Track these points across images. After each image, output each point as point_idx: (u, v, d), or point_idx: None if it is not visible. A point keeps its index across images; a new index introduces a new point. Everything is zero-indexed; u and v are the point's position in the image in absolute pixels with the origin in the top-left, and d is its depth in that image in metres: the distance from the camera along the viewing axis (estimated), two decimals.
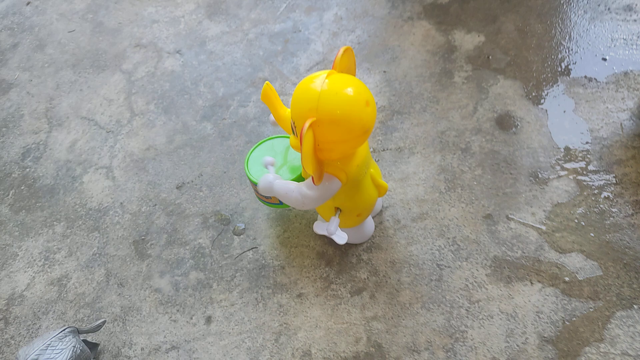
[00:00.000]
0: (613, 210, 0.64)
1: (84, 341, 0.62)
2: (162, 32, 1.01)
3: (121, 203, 0.78)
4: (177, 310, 0.66)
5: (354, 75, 0.50)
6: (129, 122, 0.89)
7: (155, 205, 0.77)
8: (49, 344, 0.56)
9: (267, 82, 0.55)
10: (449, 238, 0.65)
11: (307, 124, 0.45)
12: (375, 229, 0.67)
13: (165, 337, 0.64)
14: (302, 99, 0.48)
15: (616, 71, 0.78)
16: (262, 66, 0.90)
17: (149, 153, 0.83)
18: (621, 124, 0.72)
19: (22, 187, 0.86)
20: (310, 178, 0.51)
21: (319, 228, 0.56)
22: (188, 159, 0.81)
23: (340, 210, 0.58)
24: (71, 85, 0.99)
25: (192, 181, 0.78)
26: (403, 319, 0.60)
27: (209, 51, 0.95)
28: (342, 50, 0.47)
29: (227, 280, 0.67)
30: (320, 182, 0.52)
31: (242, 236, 0.71)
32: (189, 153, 0.81)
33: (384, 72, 0.84)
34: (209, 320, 0.64)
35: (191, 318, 0.65)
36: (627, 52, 0.79)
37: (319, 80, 0.47)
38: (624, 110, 0.73)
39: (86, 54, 1.03)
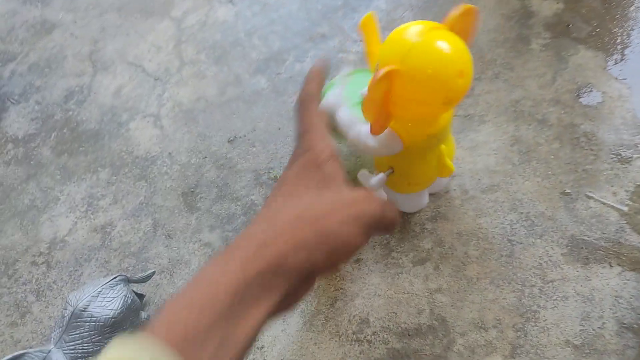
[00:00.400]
0: None
1: (133, 292, 0.60)
2: None
3: (169, 153, 0.75)
4: None
5: (467, 41, 0.45)
6: (179, 71, 0.85)
7: (205, 157, 0.73)
8: (100, 291, 0.54)
9: (370, 13, 0.49)
10: (522, 213, 0.61)
11: (383, 70, 0.40)
12: (441, 198, 0.63)
13: None
14: (394, 43, 0.43)
15: None
16: (321, 21, 0.85)
17: (199, 104, 0.79)
18: None
19: (65, 130, 0.84)
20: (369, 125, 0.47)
21: (363, 177, 0.52)
22: (240, 112, 0.77)
23: (392, 171, 0.53)
24: (117, 29, 0.95)
25: (245, 135, 0.74)
26: (470, 294, 0.56)
27: (263, 2, 0.90)
28: (461, 8, 0.42)
29: None
30: (378, 134, 0.47)
31: None
32: (242, 107, 0.77)
33: None
34: None
35: None
36: None
37: (419, 30, 0.42)
38: None
39: None
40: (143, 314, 0.57)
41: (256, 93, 0.78)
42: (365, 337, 0.56)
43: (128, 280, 0.57)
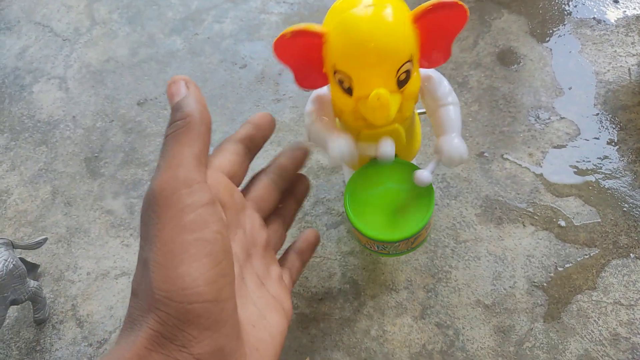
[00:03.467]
0: (615, 155, 0.60)
1: (22, 260, 0.55)
2: None
3: (74, 117, 0.69)
4: (131, 235, 0.59)
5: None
6: (89, 31, 0.79)
7: (112, 121, 0.68)
8: None
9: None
10: (437, 175, 0.59)
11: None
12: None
13: (115, 262, 0.57)
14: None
15: (628, 14, 0.72)
16: None
17: (108, 65, 0.74)
18: (629, 69, 0.67)
19: None
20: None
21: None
22: (153, 74, 0.72)
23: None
24: None
25: (156, 98, 0.69)
26: (370, 253, 0.54)
27: None
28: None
29: None
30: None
31: None
32: (154, 68, 0.72)
33: None
34: None
35: None
36: None
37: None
38: (634, 55, 0.68)
39: None
40: (33, 283, 0.52)
41: (170, 54, 0.73)
42: None
43: (12, 245, 0.52)
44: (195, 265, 0.23)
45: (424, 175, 0.40)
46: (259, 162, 0.45)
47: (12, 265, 0.49)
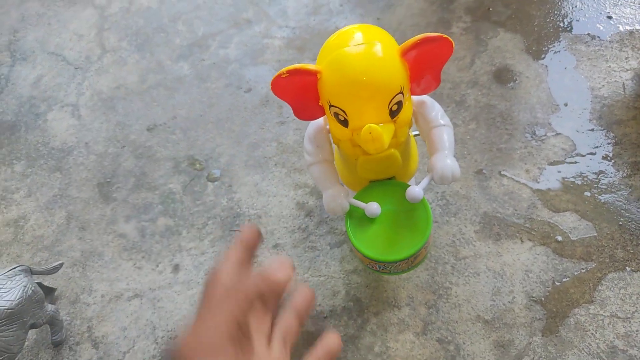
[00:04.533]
0: (610, 170, 0.61)
1: (39, 285, 0.57)
2: None
3: (86, 143, 0.72)
4: (143, 257, 0.61)
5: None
6: (99, 59, 0.82)
7: (124, 146, 0.71)
8: None
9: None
10: (437, 192, 0.61)
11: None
12: None
13: (128, 284, 0.59)
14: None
15: (621, 30, 0.73)
16: (247, 6, 0.83)
17: (118, 92, 0.77)
18: (623, 84, 0.68)
19: None
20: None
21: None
22: (161, 100, 0.75)
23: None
24: (38, 18, 0.91)
25: (165, 123, 0.72)
26: (373, 273, 0.56)
27: None
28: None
29: (198, 228, 0.62)
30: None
31: (216, 183, 0.66)
32: (163, 94, 0.75)
33: (378, 19, 0.79)
34: (176, 268, 0.60)
35: (157, 265, 0.60)
36: (633, 10, 0.75)
37: (348, 38, 0.38)
38: (627, 70, 0.69)
39: None
40: (50, 307, 0.55)
41: (178, 80, 0.76)
42: None
43: (30, 271, 0.54)
44: None
45: (415, 191, 0.43)
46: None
47: (31, 291, 0.51)
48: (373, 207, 0.43)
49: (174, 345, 0.25)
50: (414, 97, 0.44)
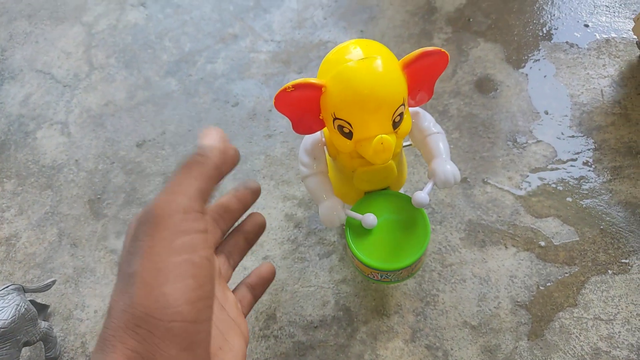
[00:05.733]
0: (591, 175, 0.63)
1: (32, 302, 0.58)
2: None
3: (76, 160, 0.73)
4: None
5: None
6: (88, 77, 0.83)
7: (113, 163, 0.72)
8: None
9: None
10: None
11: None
12: None
13: None
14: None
15: (598, 38, 0.76)
16: (233, 22, 0.85)
17: (107, 109, 0.78)
18: (602, 91, 0.70)
19: None
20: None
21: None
22: (150, 115, 0.76)
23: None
24: (26, 37, 0.92)
25: (154, 139, 0.73)
26: (372, 282, 0.57)
27: (175, 4, 0.89)
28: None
29: None
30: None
31: None
32: (151, 110, 0.76)
33: (361, 31, 0.80)
34: None
35: None
36: (609, 18, 0.77)
37: (353, 54, 0.39)
38: (605, 77, 0.71)
39: (44, 4, 0.96)
40: (43, 324, 0.55)
41: (166, 95, 0.77)
42: (271, 332, 0.56)
43: (23, 290, 0.55)
44: (179, 285, 0.24)
45: (421, 196, 0.44)
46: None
47: (23, 309, 0.52)
48: (370, 218, 0.44)
49: (147, 207, 0.26)
50: (409, 109, 0.46)
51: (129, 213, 0.66)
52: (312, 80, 0.39)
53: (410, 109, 0.46)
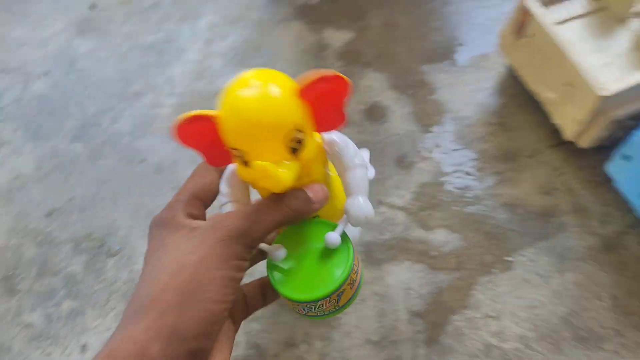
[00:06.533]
0: (474, 184, 0.68)
1: None
2: (30, 54, 0.96)
3: None
4: (51, 343, 0.62)
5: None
6: None
7: (25, 236, 0.72)
8: None
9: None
10: None
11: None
12: None
13: None
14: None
15: (475, 54, 0.82)
16: (135, 80, 0.88)
17: (16, 183, 0.78)
18: (481, 103, 0.76)
19: None
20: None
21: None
22: (58, 183, 0.77)
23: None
24: None
25: (63, 206, 0.74)
26: (280, 316, 0.60)
27: (79, 70, 0.92)
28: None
29: (102, 305, 0.64)
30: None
31: (117, 257, 0.68)
32: (59, 177, 0.78)
33: None
34: (84, 348, 0.61)
35: (65, 349, 0.62)
36: (480, 35, 0.84)
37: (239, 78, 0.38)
38: (482, 90, 0.78)
39: None
40: None
41: (73, 161, 0.79)
42: None
43: None
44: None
45: (332, 237, 0.43)
46: None
47: None
48: (277, 252, 0.43)
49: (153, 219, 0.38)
50: (325, 136, 0.46)
51: (42, 284, 0.67)
52: (204, 111, 0.40)
53: (327, 136, 0.46)
